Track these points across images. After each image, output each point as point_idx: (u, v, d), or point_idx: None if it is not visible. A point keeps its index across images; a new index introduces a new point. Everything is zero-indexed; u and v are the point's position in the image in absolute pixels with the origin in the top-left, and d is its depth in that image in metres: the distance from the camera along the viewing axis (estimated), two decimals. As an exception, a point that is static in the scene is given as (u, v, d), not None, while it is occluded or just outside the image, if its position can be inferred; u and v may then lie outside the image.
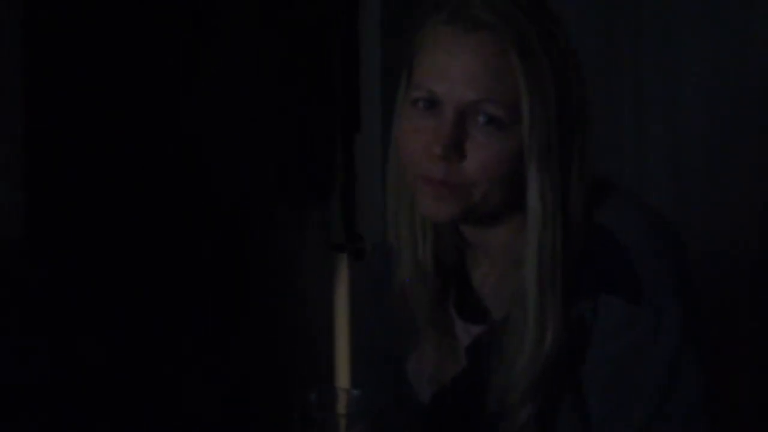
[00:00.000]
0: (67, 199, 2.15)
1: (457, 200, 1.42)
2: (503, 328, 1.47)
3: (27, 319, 2.07)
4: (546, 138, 1.41)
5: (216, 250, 2.45)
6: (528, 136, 1.41)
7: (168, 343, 2.33)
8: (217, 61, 2.46)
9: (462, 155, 1.41)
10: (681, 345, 1.41)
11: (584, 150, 1.45)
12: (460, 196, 1.42)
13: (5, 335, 2.02)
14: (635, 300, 1.41)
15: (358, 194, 2.70)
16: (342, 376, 2.65)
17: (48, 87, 2.09)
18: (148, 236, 2.29)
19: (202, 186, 2.43)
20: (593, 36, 2.51)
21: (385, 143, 1.53)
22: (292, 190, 2.65)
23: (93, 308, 2.18)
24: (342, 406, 1.37)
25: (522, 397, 1.44)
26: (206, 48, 2.43)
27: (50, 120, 2.10)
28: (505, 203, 1.44)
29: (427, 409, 1.55)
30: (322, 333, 2.70)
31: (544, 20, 1.42)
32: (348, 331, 2.66)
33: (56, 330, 2.12)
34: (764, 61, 2.41)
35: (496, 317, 1.52)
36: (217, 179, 2.47)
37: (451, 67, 1.41)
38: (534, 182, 1.42)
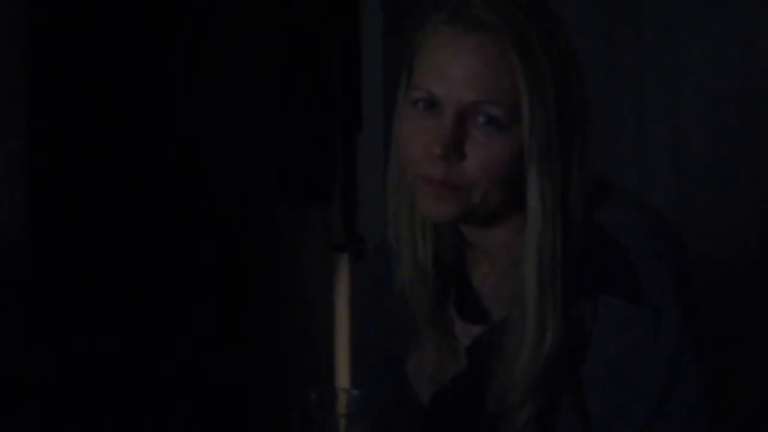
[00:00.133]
0: (69, 199, 2.15)
1: (457, 200, 1.42)
2: (503, 329, 1.47)
3: (28, 319, 2.07)
4: (546, 138, 1.41)
5: (216, 250, 2.45)
6: (528, 137, 1.41)
7: (168, 344, 2.33)
8: (219, 61, 2.46)
9: (462, 155, 1.41)
10: (681, 345, 1.41)
11: (584, 150, 1.45)
12: (460, 197, 1.42)
13: (7, 335, 2.02)
14: (635, 300, 1.41)
15: (359, 194, 2.71)
16: (342, 376, 2.65)
17: (50, 87, 2.09)
18: (150, 236, 2.30)
19: (203, 186, 2.43)
20: (593, 36, 2.51)
21: (387, 143, 1.52)
22: (293, 190, 2.65)
23: (94, 308, 2.18)
24: (342, 407, 1.37)
25: (522, 398, 1.44)
26: (207, 48, 2.43)
27: (52, 120, 2.10)
28: (505, 203, 1.44)
29: (427, 410, 1.55)
30: (323, 333, 2.70)
31: (544, 20, 1.42)
32: (348, 331, 2.66)
33: (57, 330, 2.12)
34: (765, 61, 2.41)
35: (496, 317, 1.52)
36: (218, 179, 2.47)
37: (451, 68, 1.41)
38: (534, 182, 1.42)
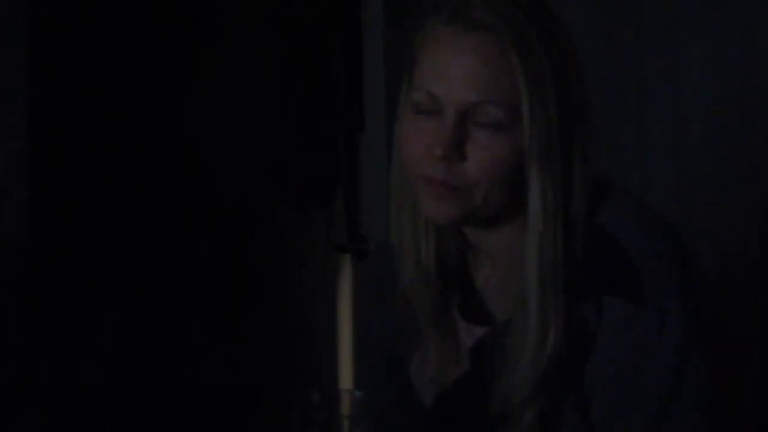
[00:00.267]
0: (70, 200, 2.15)
1: (458, 201, 1.42)
2: (506, 330, 1.46)
3: (31, 320, 2.07)
4: (546, 138, 1.41)
5: (219, 251, 2.45)
6: (528, 137, 1.41)
7: (170, 344, 2.33)
8: (220, 62, 2.46)
9: (463, 156, 1.41)
10: (684, 345, 1.41)
11: (585, 150, 1.44)
12: (461, 198, 1.42)
13: (7, 335, 2.02)
14: (638, 301, 1.41)
15: (362, 195, 2.70)
16: (344, 377, 2.65)
17: (50, 87, 2.09)
18: (151, 237, 2.30)
19: (205, 187, 2.43)
20: (594, 36, 2.51)
21: (389, 143, 1.52)
22: (295, 191, 2.65)
23: (95, 308, 2.18)
24: (344, 408, 1.37)
25: (525, 399, 1.44)
26: (209, 49, 2.43)
27: (53, 120, 2.10)
28: (507, 204, 1.44)
29: (430, 411, 1.54)
30: (325, 333, 2.70)
31: (544, 20, 1.42)
32: (351, 332, 2.66)
33: (60, 331, 2.12)
34: (766, 61, 2.41)
35: (499, 319, 1.51)
36: (220, 180, 2.47)
37: (451, 68, 1.41)
38: (534, 183, 1.41)
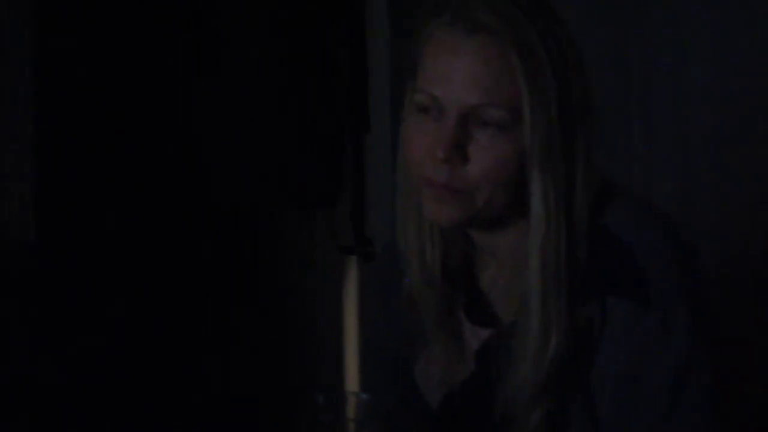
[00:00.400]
0: (77, 202, 2.15)
1: (461, 204, 1.42)
2: (511, 332, 1.46)
3: (39, 322, 2.08)
4: (548, 139, 1.41)
5: (224, 253, 2.45)
6: (530, 138, 1.40)
7: (175, 346, 2.33)
8: (226, 64, 2.46)
9: (465, 158, 1.41)
10: (690, 347, 1.41)
11: (589, 151, 1.44)
12: (464, 200, 1.42)
13: (17, 338, 2.03)
14: (643, 302, 1.41)
15: (367, 197, 2.70)
16: (350, 379, 2.65)
17: (57, 90, 2.09)
18: (158, 239, 2.30)
19: (210, 189, 2.43)
20: (598, 37, 2.51)
21: (394, 145, 1.52)
22: (301, 193, 2.65)
23: (102, 309, 2.18)
24: (350, 410, 1.37)
25: (530, 401, 1.44)
26: (215, 52, 2.43)
27: (59, 122, 2.10)
28: (510, 206, 1.44)
29: (436, 413, 1.54)
30: (331, 336, 2.70)
31: (545, 19, 1.42)
32: (357, 334, 2.66)
33: (68, 332, 2.13)
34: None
35: (505, 320, 1.51)
36: (225, 182, 2.47)
37: (453, 70, 1.41)
38: (537, 184, 1.41)
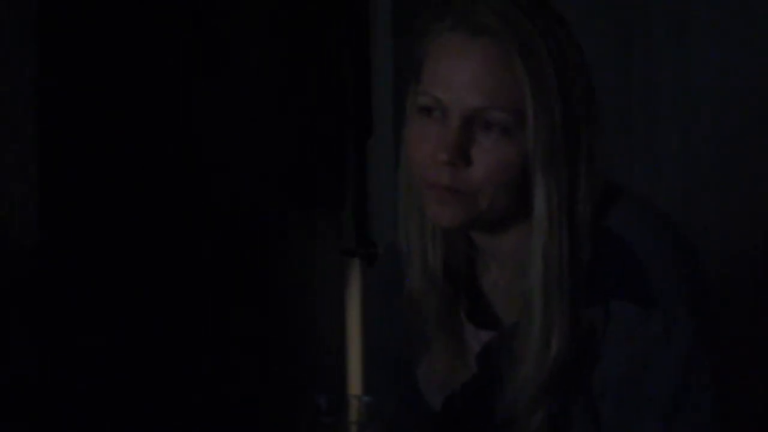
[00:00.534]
0: (81, 204, 2.15)
1: (463, 206, 1.42)
2: (513, 334, 1.46)
3: (40, 322, 2.08)
4: (551, 142, 1.41)
5: (227, 255, 2.45)
6: (533, 141, 1.40)
7: (178, 348, 2.33)
8: (229, 67, 2.46)
9: (468, 161, 1.41)
10: (693, 350, 1.41)
11: (592, 153, 1.44)
12: (466, 202, 1.42)
13: (18, 338, 2.03)
14: (646, 304, 1.40)
15: (370, 199, 2.70)
16: (353, 382, 2.64)
17: (60, 92, 2.10)
18: (161, 240, 2.30)
19: (214, 191, 2.43)
20: (601, 37, 2.50)
21: (397, 148, 1.53)
22: (304, 196, 2.65)
23: (105, 310, 2.18)
24: (352, 413, 1.37)
25: (532, 402, 1.44)
26: (219, 54, 2.43)
27: (62, 124, 2.11)
28: (513, 209, 1.44)
29: (438, 415, 1.54)
30: (333, 338, 2.70)
31: (548, 21, 1.42)
32: (359, 337, 2.66)
33: (69, 332, 2.13)
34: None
35: (507, 323, 1.51)
36: (229, 184, 2.47)
37: (457, 74, 1.41)
38: (540, 187, 1.41)
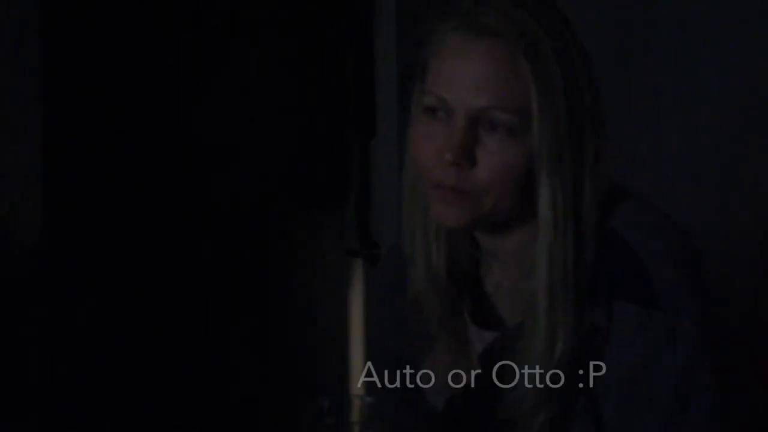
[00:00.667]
0: (83, 203, 2.15)
1: (468, 206, 1.42)
2: (516, 334, 1.46)
3: (45, 322, 2.08)
4: (556, 143, 1.41)
5: (230, 255, 2.46)
6: (538, 142, 1.41)
7: (181, 348, 2.33)
8: (235, 67, 2.46)
9: (473, 162, 1.41)
10: (695, 351, 1.40)
11: (597, 154, 1.44)
12: (471, 203, 1.42)
13: (24, 338, 2.03)
14: (650, 306, 1.41)
15: (373, 200, 2.70)
16: (355, 383, 2.64)
17: (66, 95, 2.10)
18: (164, 241, 2.30)
19: (217, 191, 2.43)
20: (605, 38, 2.50)
21: (401, 148, 1.52)
22: (307, 196, 2.65)
23: (108, 310, 2.19)
24: (355, 413, 1.37)
25: (535, 404, 1.44)
26: (224, 55, 2.44)
27: (68, 127, 2.11)
28: (518, 210, 1.44)
29: (440, 416, 1.54)
30: (336, 338, 2.70)
31: (554, 22, 1.42)
32: (362, 337, 2.66)
33: (73, 332, 2.13)
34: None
35: (510, 323, 1.51)
36: (232, 184, 2.47)
37: (462, 74, 1.41)
38: (545, 188, 1.41)
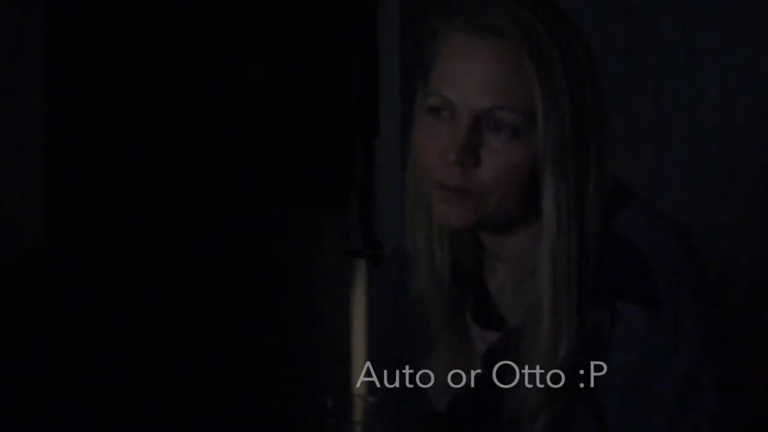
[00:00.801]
0: (83, 203, 2.15)
1: (471, 207, 1.42)
2: (519, 335, 1.46)
3: (47, 322, 2.08)
4: (560, 144, 1.41)
5: (233, 255, 2.46)
6: (542, 142, 1.41)
7: (182, 348, 2.33)
8: (238, 68, 2.46)
9: (477, 161, 1.41)
10: (698, 352, 1.41)
11: (601, 154, 1.44)
12: (475, 203, 1.42)
13: (25, 338, 2.03)
14: (653, 306, 1.41)
15: (376, 200, 2.70)
16: (358, 383, 2.65)
17: (68, 96, 2.10)
18: (167, 241, 2.30)
19: (220, 192, 2.43)
20: (608, 38, 2.50)
21: (404, 148, 1.53)
22: (310, 196, 2.65)
23: (110, 310, 2.19)
24: (357, 413, 1.37)
25: (537, 405, 1.44)
26: (228, 55, 2.44)
27: (69, 128, 2.11)
28: (521, 210, 1.44)
29: (442, 416, 1.54)
30: (339, 339, 2.70)
31: (557, 23, 1.42)
32: (364, 337, 2.66)
33: (74, 332, 2.13)
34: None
35: (513, 324, 1.51)
36: (235, 184, 2.47)
37: (466, 74, 1.41)
38: (549, 189, 1.41)
